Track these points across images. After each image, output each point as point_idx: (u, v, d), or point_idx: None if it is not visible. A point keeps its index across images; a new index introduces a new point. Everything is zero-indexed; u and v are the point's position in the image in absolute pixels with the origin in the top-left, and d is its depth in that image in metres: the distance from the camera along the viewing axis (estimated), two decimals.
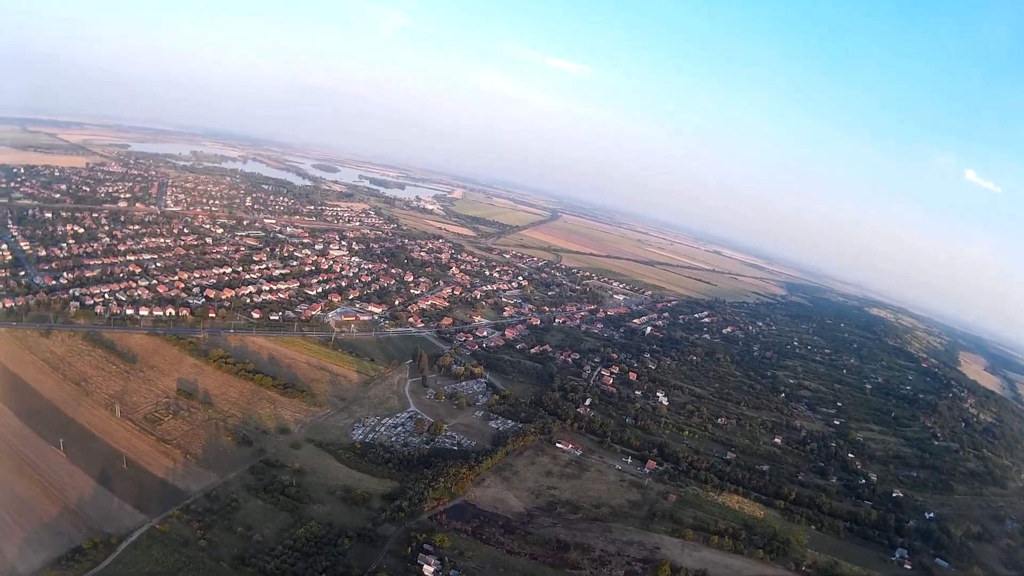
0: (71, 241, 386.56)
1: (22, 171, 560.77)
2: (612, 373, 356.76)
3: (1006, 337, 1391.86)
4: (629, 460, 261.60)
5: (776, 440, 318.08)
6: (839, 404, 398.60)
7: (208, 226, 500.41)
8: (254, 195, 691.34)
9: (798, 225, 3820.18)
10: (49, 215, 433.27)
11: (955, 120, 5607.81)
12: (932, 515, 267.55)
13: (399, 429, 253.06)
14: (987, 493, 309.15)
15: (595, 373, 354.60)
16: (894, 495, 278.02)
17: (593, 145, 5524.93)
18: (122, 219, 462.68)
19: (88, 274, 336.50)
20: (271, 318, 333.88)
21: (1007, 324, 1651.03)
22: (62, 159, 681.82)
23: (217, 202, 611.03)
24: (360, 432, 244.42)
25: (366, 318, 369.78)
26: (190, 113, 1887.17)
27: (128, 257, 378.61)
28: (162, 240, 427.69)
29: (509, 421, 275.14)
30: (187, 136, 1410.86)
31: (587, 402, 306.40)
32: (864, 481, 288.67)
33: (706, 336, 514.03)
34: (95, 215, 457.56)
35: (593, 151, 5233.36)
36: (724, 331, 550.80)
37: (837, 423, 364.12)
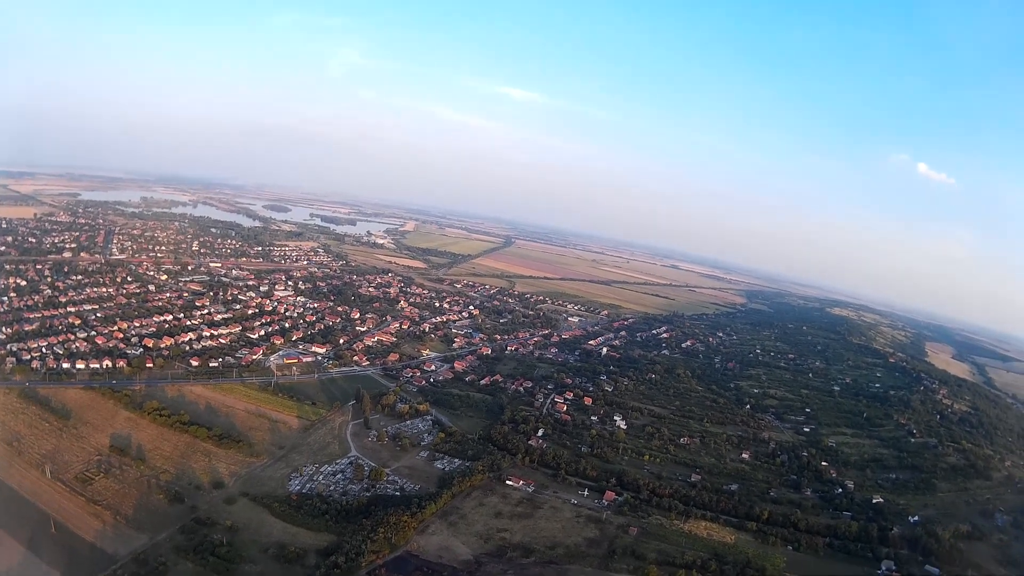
0: (12, 295, 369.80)
1: None
2: (566, 399, 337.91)
3: (969, 323, 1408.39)
4: (586, 493, 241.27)
5: (744, 456, 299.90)
6: (808, 410, 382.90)
7: (152, 273, 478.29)
8: (201, 239, 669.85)
9: (757, 235, 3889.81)
10: None
11: (905, 116, 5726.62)
12: (917, 519, 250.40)
13: (338, 477, 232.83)
14: (972, 487, 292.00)
15: (548, 401, 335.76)
16: (874, 502, 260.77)
17: (549, 170, 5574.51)
18: (66, 270, 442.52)
19: (27, 327, 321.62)
20: (210, 365, 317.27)
21: (969, 310, 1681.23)
22: (11, 210, 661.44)
23: (163, 248, 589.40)
24: (297, 482, 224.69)
25: (309, 359, 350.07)
26: (142, 159, 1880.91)
27: (69, 309, 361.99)
28: (104, 290, 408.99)
29: (456, 460, 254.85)
30: (139, 183, 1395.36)
31: (539, 433, 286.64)
32: (841, 490, 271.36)
33: (665, 352, 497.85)
34: (39, 267, 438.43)
35: (549, 176, 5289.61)
36: (684, 345, 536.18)
37: (807, 430, 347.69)
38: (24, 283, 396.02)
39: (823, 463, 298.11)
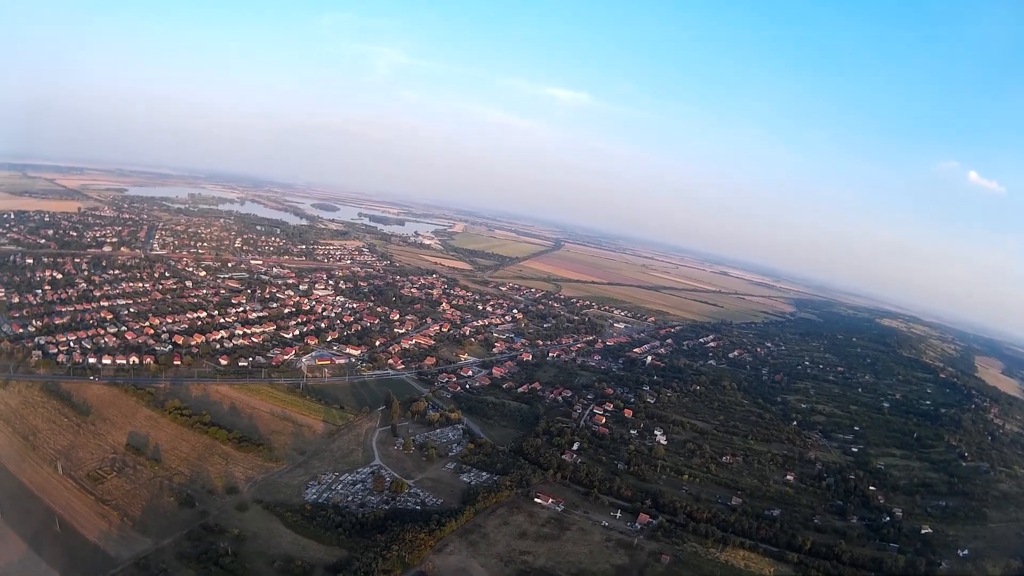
0: (47, 287, 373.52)
1: (12, 217, 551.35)
2: (605, 411, 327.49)
3: (1018, 336, 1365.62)
4: (618, 514, 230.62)
5: (788, 477, 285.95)
6: (856, 428, 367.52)
7: (191, 269, 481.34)
8: (245, 236, 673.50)
9: (805, 241, 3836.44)
10: (31, 261, 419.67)
11: (955, 123, 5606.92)
12: (966, 552, 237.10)
13: (358, 487, 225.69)
14: None
15: (586, 412, 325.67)
16: (923, 532, 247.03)
17: (597, 172, 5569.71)
18: (104, 264, 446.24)
19: (58, 321, 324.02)
20: (239, 364, 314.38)
21: (1019, 323, 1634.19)
22: (56, 204, 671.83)
23: (206, 244, 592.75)
24: (314, 491, 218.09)
25: (342, 361, 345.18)
26: (192, 156, 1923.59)
27: (102, 303, 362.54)
28: (140, 284, 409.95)
29: (484, 473, 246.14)
30: (188, 179, 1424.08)
31: (574, 447, 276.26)
32: (888, 519, 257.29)
33: (711, 362, 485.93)
34: (77, 260, 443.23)
35: (597, 178, 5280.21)
36: (731, 355, 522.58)
37: (855, 450, 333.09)
38: (60, 276, 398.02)
39: (871, 487, 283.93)
